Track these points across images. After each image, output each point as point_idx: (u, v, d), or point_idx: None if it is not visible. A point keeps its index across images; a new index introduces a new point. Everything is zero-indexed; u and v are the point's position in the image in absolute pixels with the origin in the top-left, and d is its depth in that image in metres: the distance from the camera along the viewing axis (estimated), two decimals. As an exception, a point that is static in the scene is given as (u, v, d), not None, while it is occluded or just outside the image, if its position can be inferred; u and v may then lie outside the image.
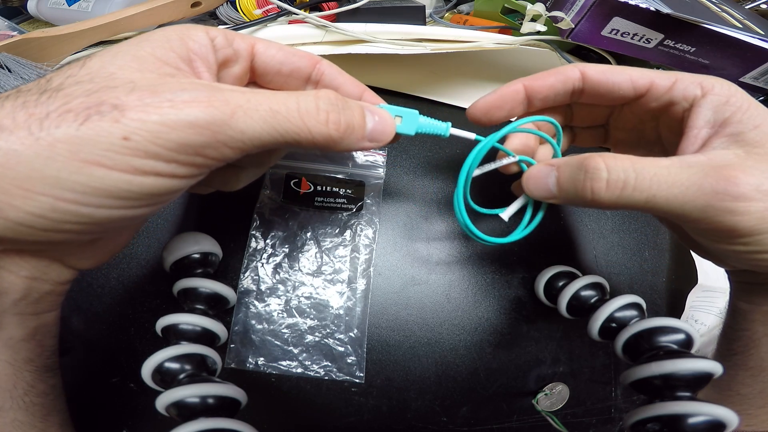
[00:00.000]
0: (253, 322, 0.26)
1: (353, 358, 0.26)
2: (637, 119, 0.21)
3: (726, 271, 0.23)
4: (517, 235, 0.23)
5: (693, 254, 0.33)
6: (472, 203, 0.23)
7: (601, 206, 0.17)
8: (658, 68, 0.29)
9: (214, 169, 0.15)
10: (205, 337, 0.21)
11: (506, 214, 0.23)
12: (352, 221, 0.29)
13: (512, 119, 0.21)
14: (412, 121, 0.19)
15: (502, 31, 0.33)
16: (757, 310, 0.21)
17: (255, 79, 0.19)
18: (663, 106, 0.18)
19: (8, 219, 0.12)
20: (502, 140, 0.21)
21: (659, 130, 0.21)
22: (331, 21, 0.29)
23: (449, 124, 0.20)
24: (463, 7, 0.39)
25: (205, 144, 0.13)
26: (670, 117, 0.19)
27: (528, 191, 0.19)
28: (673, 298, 0.32)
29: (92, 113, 0.12)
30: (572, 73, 0.19)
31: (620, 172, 0.16)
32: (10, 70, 0.25)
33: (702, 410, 0.17)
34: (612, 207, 0.16)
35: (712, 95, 0.17)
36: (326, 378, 0.26)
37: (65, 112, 0.12)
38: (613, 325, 0.22)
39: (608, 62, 0.30)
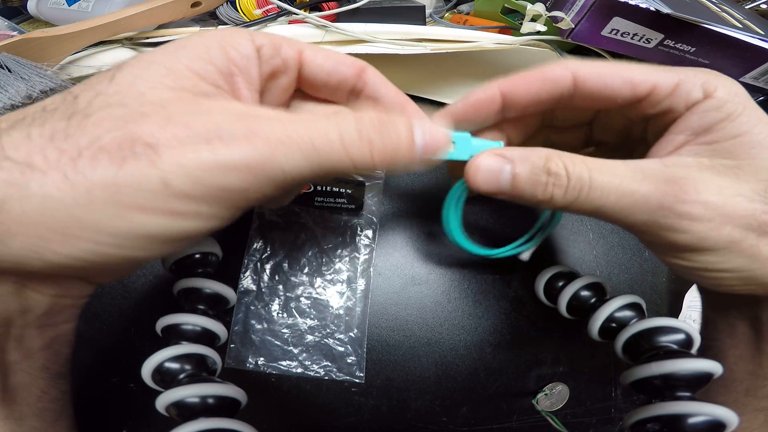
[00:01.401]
0: (253, 322, 0.26)
1: (353, 358, 0.26)
2: (627, 120, 0.20)
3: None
4: (521, 247, 0.22)
5: None
6: (479, 249, 0.22)
7: (549, 207, 0.16)
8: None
9: None
10: (205, 337, 0.21)
11: (526, 255, 0.22)
12: (352, 221, 0.29)
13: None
14: (465, 145, 0.17)
15: (502, 31, 0.33)
16: (722, 321, 0.21)
17: (300, 87, 0.18)
18: (659, 113, 0.17)
19: (47, 262, 0.12)
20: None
21: (647, 132, 0.19)
22: (331, 21, 0.29)
23: (501, 143, 0.18)
24: (463, 7, 0.39)
25: (246, 187, 0.12)
26: (662, 121, 0.17)
27: (472, 182, 0.16)
28: (673, 298, 0.32)
29: (127, 155, 0.11)
30: (561, 76, 0.16)
31: (578, 179, 0.15)
32: (10, 70, 0.25)
33: (702, 410, 0.17)
34: (558, 209, 0.16)
35: (711, 99, 0.16)
36: (326, 378, 0.26)
37: (98, 151, 0.11)
38: (613, 325, 0.22)
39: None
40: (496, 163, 0.16)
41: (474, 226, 0.30)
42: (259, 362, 0.26)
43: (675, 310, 0.32)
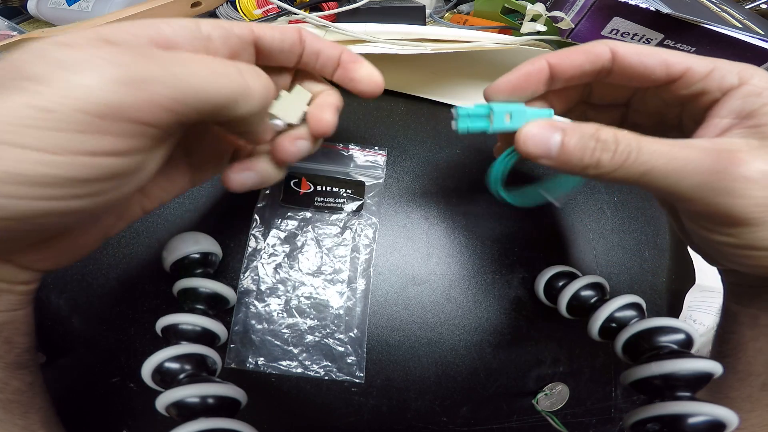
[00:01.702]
0: (253, 322, 0.26)
1: (353, 358, 0.26)
2: (662, 103, 0.20)
3: (718, 271, 0.22)
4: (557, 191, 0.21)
5: (691, 254, 0.33)
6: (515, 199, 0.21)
7: (597, 177, 0.16)
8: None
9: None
10: (205, 337, 0.21)
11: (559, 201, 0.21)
12: (352, 221, 0.29)
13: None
14: (520, 115, 0.18)
15: (502, 31, 0.33)
16: (744, 312, 0.20)
17: (260, 61, 0.18)
18: (693, 95, 0.17)
19: None
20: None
21: (682, 117, 0.19)
22: (331, 21, 0.29)
23: (551, 111, 0.18)
24: (463, 7, 0.39)
25: (135, 104, 0.11)
26: (697, 105, 0.18)
27: (522, 148, 0.17)
28: (673, 298, 0.32)
29: (9, 87, 0.10)
30: (602, 51, 0.17)
31: (626, 145, 0.15)
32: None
33: (702, 410, 0.17)
34: (606, 178, 0.16)
35: (749, 85, 0.16)
36: (326, 378, 0.26)
37: None
38: (613, 325, 0.22)
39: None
40: (547, 130, 0.16)
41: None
42: (259, 362, 0.26)
43: (675, 310, 0.32)
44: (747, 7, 0.37)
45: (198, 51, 0.15)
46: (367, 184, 0.29)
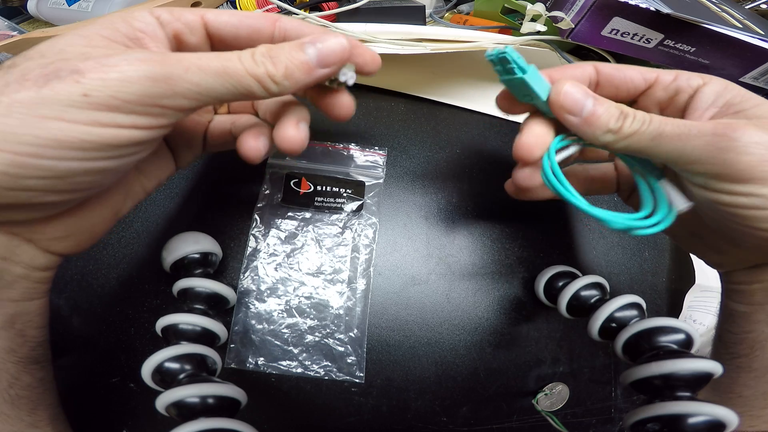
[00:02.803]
0: (253, 322, 0.26)
1: (353, 358, 0.26)
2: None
3: (720, 274, 0.23)
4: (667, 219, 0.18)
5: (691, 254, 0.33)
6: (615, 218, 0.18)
7: (609, 144, 0.18)
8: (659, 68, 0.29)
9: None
10: (205, 337, 0.21)
11: (685, 205, 0.18)
12: (352, 221, 0.29)
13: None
14: (538, 79, 0.18)
15: (502, 31, 0.33)
16: (759, 310, 0.20)
17: (217, 47, 0.18)
18: (670, 96, 0.20)
19: None
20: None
21: None
22: (331, 21, 0.29)
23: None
24: (463, 7, 0.39)
25: (162, 94, 0.14)
26: (675, 108, 0.20)
27: (559, 100, 0.18)
28: (673, 298, 0.32)
29: (52, 78, 0.13)
30: (587, 67, 0.21)
31: (642, 116, 0.18)
32: (10, 70, 0.25)
33: (702, 410, 0.17)
34: (618, 144, 0.18)
35: (712, 84, 0.18)
36: (326, 378, 0.26)
37: (24, 80, 0.13)
38: (613, 325, 0.22)
39: (608, 62, 0.30)
40: (583, 93, 0.18)
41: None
42: (259, 362, 0.26)
43: (675, 310, 0.32)
44: (747, 7, 0.37)
45: (159, 38, 0.16)
46: (367, 184, 0.29)
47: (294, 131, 0.18)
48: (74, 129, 0.13)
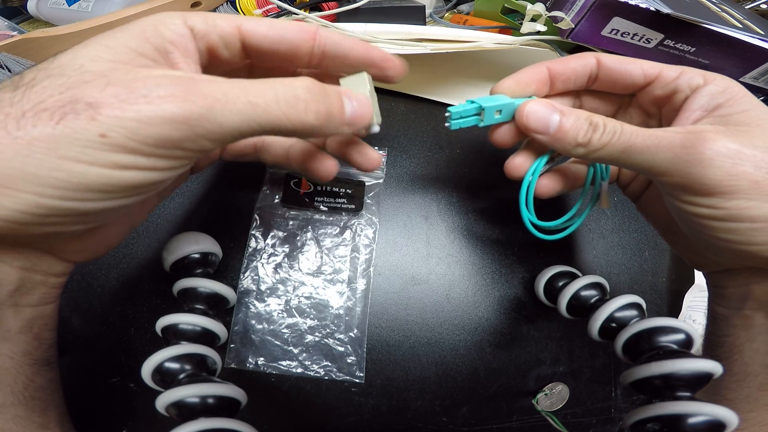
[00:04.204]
0: (253, 322, 0.26)
1: (353, 358, 0.26)
2: (644, 114, 0.22)
3: (704, 275, 0.23)
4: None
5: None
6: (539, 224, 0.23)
7: (583, 156, 0.18)
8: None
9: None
10: (205, 337, 0.21)
11: (603, 202, 0.23)
12: (352, 221, 0.29)
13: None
14: (505, 104, 0.20)
15: (502, 31, 0.33)
16: (737, 314, 0.21)
17: (255, 62, 0.18)
18: (667, 95, 0.20)
19: None
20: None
21: (661, 125, 0.21)
22: (331, 21, 0.29)
23: (533, 96, 0.21)
24: (463, 7, 0.39)
25: (183, 138, 0.13)
26: (671, 107, 0.20)
27: (524, 123, 0.19)
28: (673, 298, 0.32)
29: (67, 111, 0.12)
30: (590, 59, 0.20)
31: (612, 128, 0.18)
32: (10, 70, 0.25)
33: (702, 410, 0.17)
34: (591, 156, 0.18)
35: (712, 85, 0.18)
36: (326, 378, 0.26)
37: (40, 111, 0.12)
38: (613, 325, 0.22)
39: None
40: (548, 109, 0.18)
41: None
42: (259, 362, 0.26)
43: (675, 310, 0.32)
44: (747, 7, 0.37)
45: (190, 53, 0.15)
46: (367, 184, 0.29)
47: (374, 152, 0.21)
48: (94, 172, 0.13)
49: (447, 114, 0.20)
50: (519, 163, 0.21)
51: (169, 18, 0.15)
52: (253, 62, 0.19)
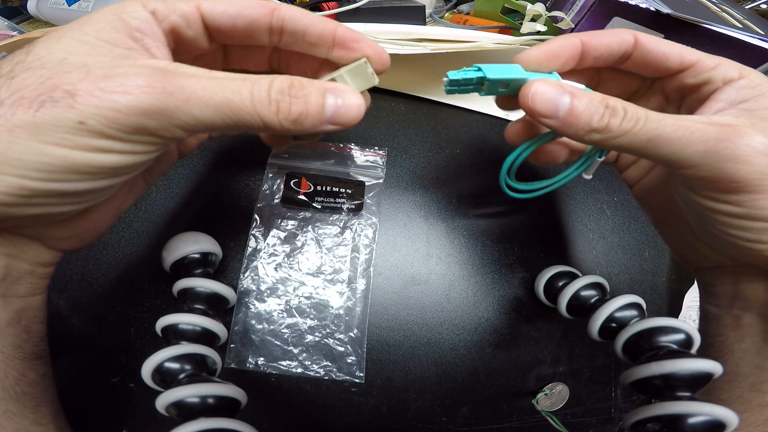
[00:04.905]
0: (253, 322, 0.26)
1: (353, 358, 0.26)
2: (664, 100, 0.21)
3: (692, 272, 0.23)
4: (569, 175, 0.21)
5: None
6: (517, 183, 0.22)
7: (599, 142, 0.16)
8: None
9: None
10: (205, 337, 0.21)
11: (588, 172, 0.21)
12: (352, 221, 0.29)
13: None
14: (518, 72, 0.18)
15: (502, 31, 0.33)
16: (726, 314, 0.20)
17: (217, 39, 0.18)
18: (698, 84, 0.18)
19: None
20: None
21: (679, 113, 0.20)
22: (331, 21, 0.29)
23: (556, 74, 0.19)
24: (463, 7, 0.39)
25: (159, 128, 0.14)
26: (697, 97, 0.19)
27: (529, 105, 0.17)
28: (673, 298, 0.32)
29: (45, 100, 0.13)
30: (627, 36, 0.19)
31: (634, 113, 0.16)
32: (10, 70, 0.25)
33: (702, 410, 0.17)
34: (608, 143, 0.16)
35: (746, 80, 0.17)
36: (326, 378, 0.26)
37: (19, 99, 0.13)
38: (613, 325, 0.22)
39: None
40: (557, 90, 0.16)
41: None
42: (259, 362, 0.26)
43: (675, 310, 0.32)
44: (747, 7, 0.37)
45: (158, 37, 0.16)
46: (367, 184, 0.29)
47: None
48: (75, 155, 0.13)
49: (444, 79, 0.18)
50: (515, 131, 0.20)
51: (129, 6, 0.15)
52: (223, 44, 0.19)
